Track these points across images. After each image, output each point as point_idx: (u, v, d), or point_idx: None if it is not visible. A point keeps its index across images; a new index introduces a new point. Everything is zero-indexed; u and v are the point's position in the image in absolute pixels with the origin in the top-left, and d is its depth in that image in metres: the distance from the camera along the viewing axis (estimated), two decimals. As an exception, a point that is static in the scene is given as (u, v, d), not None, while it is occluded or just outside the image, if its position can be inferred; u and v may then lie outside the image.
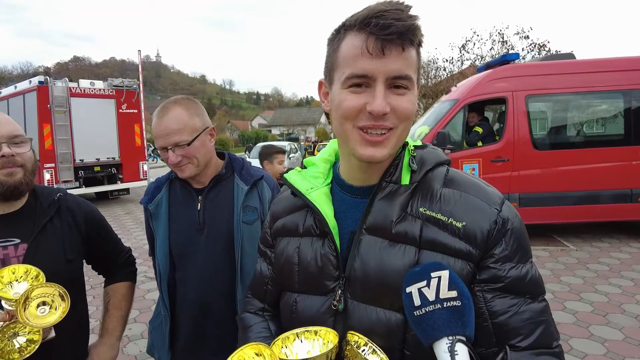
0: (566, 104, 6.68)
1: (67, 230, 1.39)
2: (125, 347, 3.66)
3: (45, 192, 1.42)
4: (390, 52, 0.74)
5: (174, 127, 1.41)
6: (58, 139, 10.03)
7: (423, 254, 0.79)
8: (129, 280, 1.64)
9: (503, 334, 0.75)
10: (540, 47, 17.01)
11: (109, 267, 1.62)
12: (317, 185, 0.93)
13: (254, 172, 1.59)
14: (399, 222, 0.81)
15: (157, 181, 1.64)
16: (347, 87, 0.78)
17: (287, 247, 0.96)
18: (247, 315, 1.07)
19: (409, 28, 0.73)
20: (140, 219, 9.24)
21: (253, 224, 1.50)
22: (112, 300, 1.57)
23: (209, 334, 1.53)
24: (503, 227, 0.78)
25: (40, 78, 10.36)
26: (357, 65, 0.76)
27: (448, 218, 0.79)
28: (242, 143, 49.82)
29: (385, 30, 0.72)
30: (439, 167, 0.87)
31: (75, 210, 1.43)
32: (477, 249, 0.77)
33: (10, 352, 1.05)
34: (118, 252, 1.62)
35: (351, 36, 0.77)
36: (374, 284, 0.81)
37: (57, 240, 1.34)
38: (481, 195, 0.82)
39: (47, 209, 1.36)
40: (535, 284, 0.79)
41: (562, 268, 5.37)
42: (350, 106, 0.78)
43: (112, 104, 11.08)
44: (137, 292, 4.92)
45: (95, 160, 10.89)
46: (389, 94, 0.76)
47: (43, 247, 1.30)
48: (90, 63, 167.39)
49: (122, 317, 1.58)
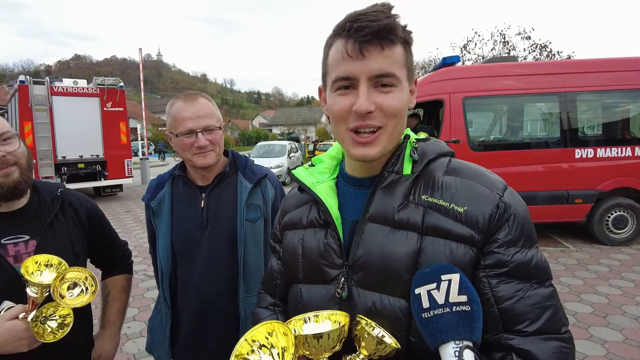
0: (504, 106, 6.79)
1: (72, 225, 1.41)
2: (124, 345, 3.65)
3: (45, 187, 1.42)
4: (369, 52, 0.77)
5: (205, 111, 1.46)
6: (38, 137, 10.28)
7: (425, 240, 0.79)
8: (126, 272, 1.68)
9: (509, 319, 0.74)
10: (542, 47, 17.02)
11: (108, 261, 1.65)
12: (323, 180, 0.97)
13: (258, 170, 1.59)
14: (401, 209, 0.83)
15: (158, 178, 1.63)
16: (335, 91, 0.83)
17: (292, 240, 0.99)
18: (259, 310, 1.10)
19: (384, 27, 0.76)
20: (139, 217, 9.25)
21: (256, 222, 1.50)
22: (112, 292, 1.61)
23: (210, 331, 1.52)
24: (505, 212, 0.78)
25: (21, 77, 10.67)
26: (340, 69, 0.80)
27: (450, 204, 0.80)
28: (243, 142, 49.82)
29: (360, 32, 0.76)
30: (441, 158, 0.89)
31: (77, 205, 1.46)
32: (479, 234, 0.77)
33: (44, 335, 1.13)
34: (117, 245, 1.66)
35: (336, 42, 0.82)
36: (377, 270, 0.82)
37: (64, 235, 1.37)
38: (483, 181, 0.83)
39: (52, 205, 1.38)
40: (541, 269, 0.78)
41: (562, 269, 5.37)
42: (339, 108, 0.82)
43: (96, 102, 11.28)
44: (136, 290, 4.93)
45: (79, 157, 11.14)
46: (374, 93, 0.79)
47: (52, 242, 1.32)
48: (92, 61, 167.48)
49: (122, 309, 1.63)
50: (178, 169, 1.61)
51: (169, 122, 1.51)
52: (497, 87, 6.38)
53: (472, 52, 18.36)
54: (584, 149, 6.26)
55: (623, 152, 6.24)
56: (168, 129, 1.53)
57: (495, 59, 7.59)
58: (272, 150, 16.76)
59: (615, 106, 6.43)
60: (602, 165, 6.23)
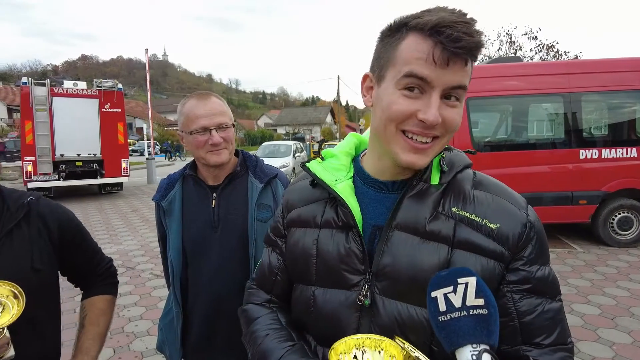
0: (508, 107, 6.76)
1: (36, 237, 1.25)
2: (132, 343, 3.68)
3: (14, 195, 1.28)
4: (454, 64, 0.74)
5: (219, 109, 1.49)
6: (38, 135, 10.96)
7: (456, 253, 0.80)
8: (108, 293, 1.46)
9: (529, 332, 0.78)
10: (549, 47, 16.92)
11: (85, 278, 1.46)
12: (341, 178, 0.92)
13: (268, 170, 1.60)
14: (431, 221, 0.82)
15: (169, 178, 1.64)
16: (402, 88, 0.77)
17: (303, 239, 0.94)
18: (251, 307, 1.04)
19: (477, 44, 0.73)
20: (146, 217, 9.30)
21: (267, 222, 1.50)
22: (89, 315, 1.39)
23: (220, 331, 1.53)
24: (531, 231, 0.81)
25: (24, 79, 11.36)
26: (418, 68, 0.74)
27: (482, 219, 0.81)
28: (248, 142, 49.93)
29: (456, 43, 0.71)
30: (466, 169, 0.89)
31: (46, 215, 1.29)
32: (508, 251, 0.79)
33: None
34: (97, 261, 1.46)
35: (416, 38, 0.75)
36: (405, 280, 0.81)
37: (23, 247, 1.21)
38: (510, 198, 0.85)
39: (15, 213, 1.23)
40: (555, 284, 0.82)
41: (569, 270, 5.34)
42: (401, 110, 0.77)
43: (95, 103, 11.85)
44: (144, 289, 4.97)
45: (76, 155, 11.72)
46: (441, 105, 0.76)
47: (7, 253, 1.17)
48: (98, 61, 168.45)
49: (100, 335, 1.38)
50: (189, 169, 1.61)
51: (181, 121, 1.52)
52: (501, 87, 6.36)
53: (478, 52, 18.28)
54: (588, 150, 6.23)
55: (628, 152, 6.20)
56: (180, 128, 1.53)
57: (500, 59, 7.58)
58: (278, 150, 16.78)
59: (620, 107, 6.40)
60: (607, 166, 6.19)
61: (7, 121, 38.25)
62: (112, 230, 8.12)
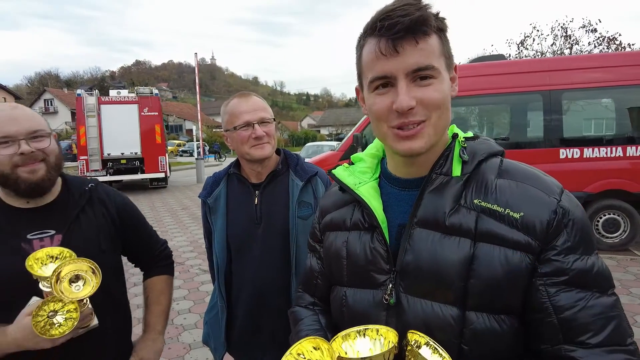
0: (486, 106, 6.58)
1: (102, 221, 1.38)
2: (180, 335, 3.84)
3: (76, 182, 1.40)
4: (403, 48, 0.75)
5: (260, 105, 1.56)
6: (89, 137, 12.96)
7: (479, 247, 0.76)
8: (165, 273, 1.61)
9: (571, 329, 0.71)
10: (610, 40, 15.84)
11: (144, 260, 1.61)
12: (365, 180, 0.94)
13: (308, 168, 1.62)
14: (452, 214, 0.79)
15: (214, 176, 1.70)
16: (373, 91, 0.81)
17: (335, 241, 0.97)
18: (298, 309, 1.08)
19: (416, 21, 0.74)
20: (195, 214, 9.67)
21: (307, 219, 1.52)
22: (150, 296, 1.55)
23: (263, 326, 1.57)
24: (564, 218, 0.74)
25: (78, 91, 13.50)
26: (376, 69, 0.79)
27: (505, 209, 0.76)
28: (292, 143, 50.59)
29: (392, 29, 0.74)
30: (492, 158, 0.85)
31: (106, 200, 1.42)
32: (536, 240, 0.74)
33: (51, 329, 1.09)
34: (153, 244, 1.61)
35: (368, 42, 0.81)
36: (428, 277, 0.79)
37: (91, 230, 1.33)
38: (539, 184, 0.79)
39: (79, 199, 1.35)
40: (603, 277, 0.74)
41: (632, 279, 4.96)
42: (379, 108, 0.80)
43: (135, 108, 13.54)
44: (192, 284, 5.16)
45: (120, 154, 13.49)
46: (413, 88, 0.77)
47: (77, 236, 1.29)
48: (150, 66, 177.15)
49: (162, 312, 1.55)
50: (233, 167, 1.66)
51: (225, 120, 1.58)
52: (480, 86, 6.14)
53: (530, 49, 17.45)
54: (569, 149, 5.85)
55: (612, 152, 5.76)
56: (225, 127, 1.59)
57: (482, 58, 7.33)
58: (321, 151, 16.83)
59: (602, 104, 6.09)
60: (590, 166, 5.82)
61: (72, 124, 41.19)
62: (163, 227, 8.50)
